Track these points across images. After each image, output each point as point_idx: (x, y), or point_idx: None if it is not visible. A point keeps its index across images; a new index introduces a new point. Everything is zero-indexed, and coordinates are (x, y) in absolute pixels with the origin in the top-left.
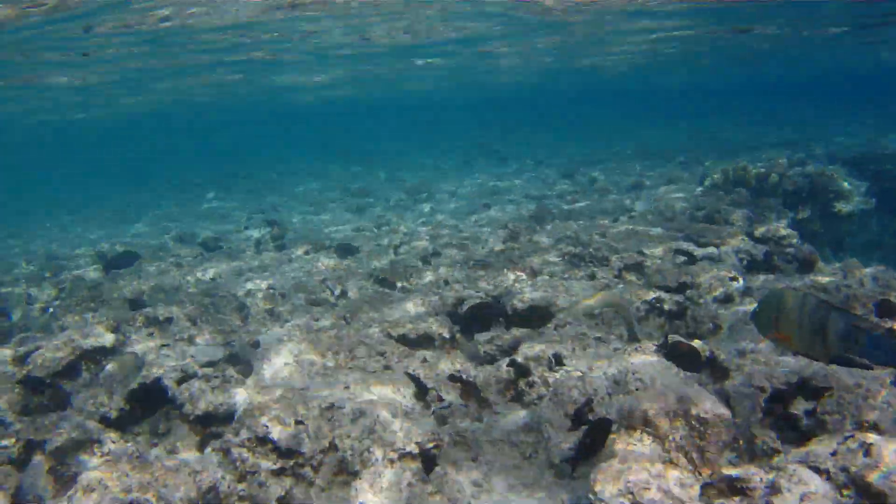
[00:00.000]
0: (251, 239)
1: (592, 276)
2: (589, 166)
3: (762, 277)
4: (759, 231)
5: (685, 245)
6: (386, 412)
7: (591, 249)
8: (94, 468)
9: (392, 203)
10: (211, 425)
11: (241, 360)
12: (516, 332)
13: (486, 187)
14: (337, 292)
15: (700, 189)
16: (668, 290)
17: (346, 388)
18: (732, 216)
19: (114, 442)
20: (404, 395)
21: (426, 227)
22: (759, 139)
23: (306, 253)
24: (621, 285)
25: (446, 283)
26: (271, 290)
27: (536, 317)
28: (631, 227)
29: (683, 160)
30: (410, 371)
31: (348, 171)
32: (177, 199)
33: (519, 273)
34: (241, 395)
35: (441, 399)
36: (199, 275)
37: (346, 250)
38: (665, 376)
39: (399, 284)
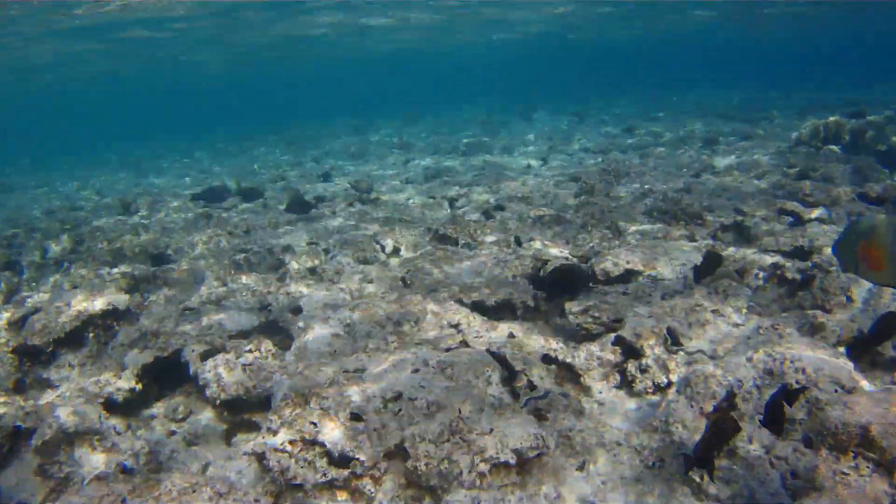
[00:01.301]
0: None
1: (692, 238)
2: (648, 122)
3: None
4: (874, 190)
5: (790, 204)
6: (469, 405)
7: (681, 206)
8: (77, 491)
9: (442, 156)
10: (242, 412)
11: (279, 330)
12: (614, 300)
13: (543, 141)
14: (388, 249)
15: (787, 145)
16: (783, 254)
17: (416, 371)
18: (833, 173)
19: (118, 433)
20: (488, 381)
21: (483, 179)
22: (825, 100)
23: (350, 205)
24: (732, 248)
25: (517, 241)
26: (313, 245)
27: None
28: (720, 181)
29: (748, 119)
30: (494, 350)
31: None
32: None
33: (604, 230)
34: (279, 376)
35: (533, 386)
36: (231, 229)
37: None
38: (832, 365)
39: (462, 241)
